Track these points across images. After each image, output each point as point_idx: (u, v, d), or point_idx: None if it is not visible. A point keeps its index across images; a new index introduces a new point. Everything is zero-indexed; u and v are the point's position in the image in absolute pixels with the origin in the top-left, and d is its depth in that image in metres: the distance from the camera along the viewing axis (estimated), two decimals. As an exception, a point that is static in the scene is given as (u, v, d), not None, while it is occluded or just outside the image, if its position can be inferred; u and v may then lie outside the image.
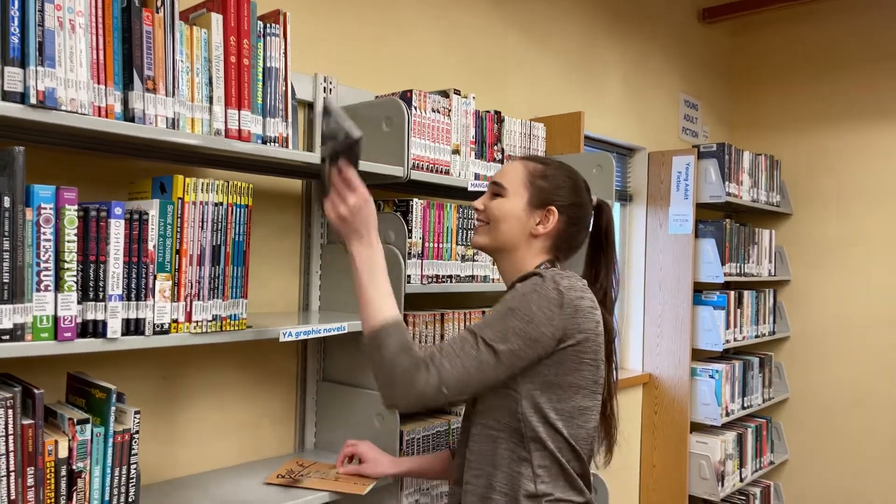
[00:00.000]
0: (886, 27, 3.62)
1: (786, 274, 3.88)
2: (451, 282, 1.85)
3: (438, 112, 1.82)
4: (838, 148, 3.76)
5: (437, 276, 1.81)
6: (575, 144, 2.56)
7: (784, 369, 3.89)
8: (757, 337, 3.58)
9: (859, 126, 3.69)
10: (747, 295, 3.49)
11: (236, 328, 1.39)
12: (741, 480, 3.41)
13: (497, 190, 1.41)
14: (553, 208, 1.39)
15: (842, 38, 3.75)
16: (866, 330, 3.65)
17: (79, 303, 1.17)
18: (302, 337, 1.50)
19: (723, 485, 3.21)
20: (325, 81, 1.88)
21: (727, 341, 3.27)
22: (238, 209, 1.38)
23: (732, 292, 3.35)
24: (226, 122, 1.40)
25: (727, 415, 3.27)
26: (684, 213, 3.21)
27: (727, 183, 3.24)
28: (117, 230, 1.21)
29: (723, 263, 3.21)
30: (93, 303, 1.19)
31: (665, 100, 3.55)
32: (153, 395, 1.62)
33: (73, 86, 1.14)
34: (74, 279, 1.15)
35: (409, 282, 1.73)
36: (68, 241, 1.15)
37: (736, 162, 3.35)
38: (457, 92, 1.88)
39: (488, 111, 2.00)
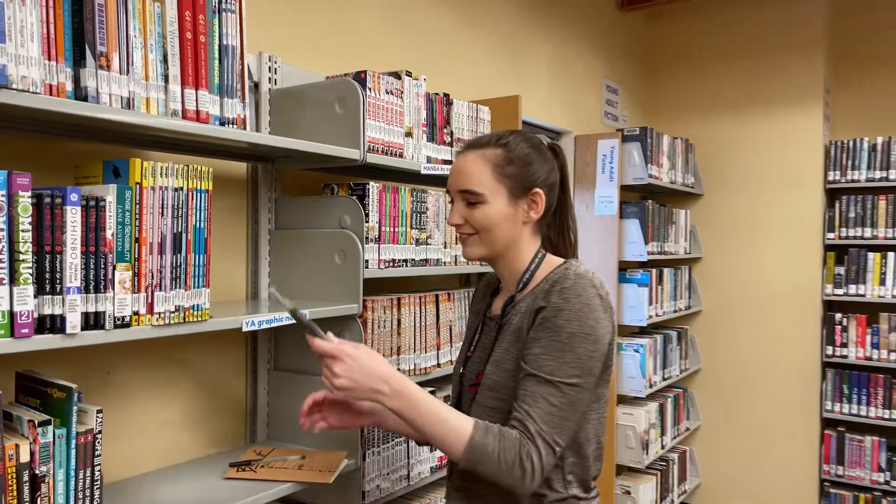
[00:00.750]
0: (793, 19, 3.86)
1: (698, 252, 4.11)
2: (406, 266, 1.84)
3: (391, 94, 1.80)
4: (745, 133, 4.00)
5: (394, 261, 1.80)
6: (513, 127, 2.59)
7: (696, 342, 4.13)
8: (675, 312, 3.77)
9: (764, 112, 3.94)
10: (667, 272, 3.67)
11: (199, 319, 1.33)
12: (662, 447, 3.60)
13: (472, 198, 1.29)
14: (537, 190, 1.30)
15: (751, 28, 3.97)
16: (767, 304, 3.93)
17: (34, 296, 1.09)
18: (265, 326, 1.45)
19: (647, 452, 3.38)
20: (269, 61, 1.81)
21: (650, 317, 3.43)
22: (198, 194, 1.32)
23: (654, 270, 3.51)
24: (182, 103, 1.33)
25: (650, 386, 3.44)
26: (610, 194, 3.33)
27: (649, 165, 3.39)
28: (74, 218, 1.13)
29: (646, 243, 3.36)
30: (50, 296, 1.10)
31: (588, 85, 3.65)
32: (99, 391, 1.52)
33: (24, 62, 1.05)
34: (30, 271, 1.07)
35: (366, 267, 1.71)
36: (23, 231, 1.06)
37: (656, 145, 3.50)
38: (408, 74, 1.86)
39: (437, 93, 1.99)
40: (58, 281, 1.11)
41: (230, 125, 1.41)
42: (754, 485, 3.95)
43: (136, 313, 1.22)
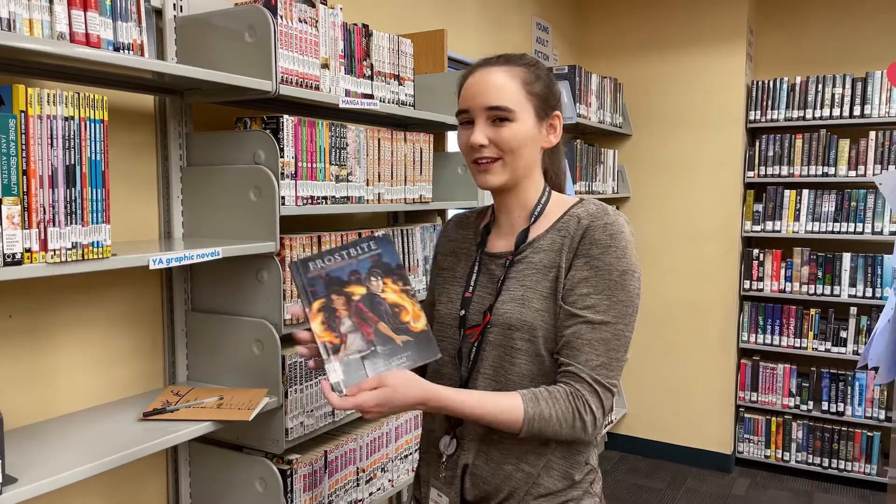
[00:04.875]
0: (715, -43, 3.88)
1: (626, 191, 4.18)
2: (326, 203, 1.80)
3: (305, 22, 1.72)
4: (671, 72, 4.04)
5: (312, 198, 1.76)
6: (439, 64, 2.55)
7: (624, 279, 4.25)
8: (602, 250, 3.85)
9: (690, 52, 3.98)
10: (594, 211, 3.73)
11: (100, 256, 1.27)
12: (589, 381, 3.72)
13: (502, 114, 1.18)
14: (557, 113, 1.24)
15: (676, -34, 3.98)
16: (691, 241, 4.06)
17: None
18: (174, 264, 1.40)
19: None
20: (173, -14, 1.70)
21: (578, 255, 3.49)
22: (92, 124, 1.24)
23: (582, 209, 3.56)
24: (70, 25, 1.23)
25: (578, 322, 3.53)
26: (539, 134, 3.32)
27: (577, 105, 3.39)
28: (-51, 147, 1.05)
29: (574, 182, 3.40)
30: (-74, 232, 1.03)
31: (518, 22, 3.60)
32: (1, 335, 1.45)
33: None
34: None
35: (283, 203, 1.66)
36: None
37: (585, 84, 3.51)
38: (323, 2, 1.78)
39: (356, 24, 1.92)
40: (-66, 215, 1.04)
41: (125, 51, 1.33)
42: (675, 413, 4.16)
43: (27, 250, 1.16)
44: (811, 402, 3.83)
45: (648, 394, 4.23)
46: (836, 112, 3.70)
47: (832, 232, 3.72)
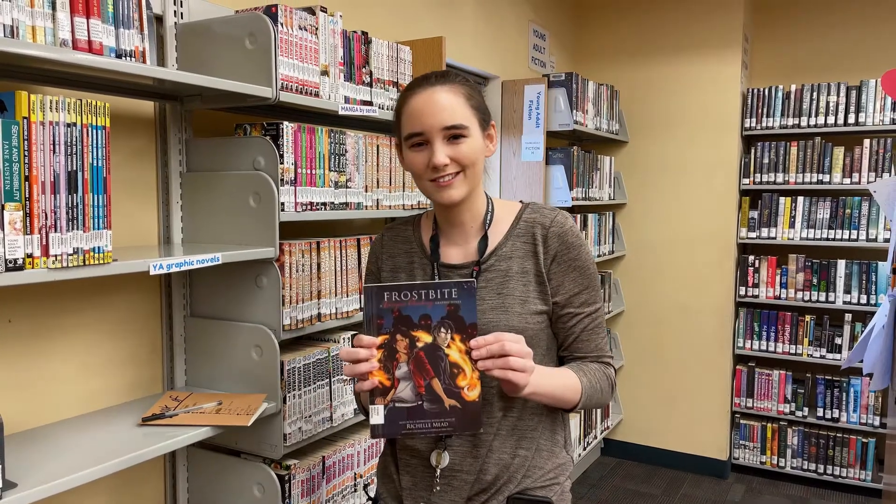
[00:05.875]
0: (710, -34, 3.91)
1: (622, 198, 4.20)
2: (325, 209, 1.81)
3: (305, 30, 1.74)
4: (667, 79, 4.07)
5: (312, 204, 1.77)
6: (437, 70, 2.56)
7: (620, 285, 4.27)
8: (599, 257, 3.87)
9: (686, 59, 4.01)
10: (591, 218, 3.75)
11: (101, 262, 1.28)
12: (586, 387, 3.73)
13: (459, 132, 1.21)
14: (493, 122, 1.30)
15: (672, -26, 4.01)
16: (687, 247, 4.08)
17: (-89, 238, 1.02)
18: (174, 269, 1.41)
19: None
20: (175, -7, 1.71)
21: (574, 261, 3.50)
22: (94, 131, 1.25)
23: (578, 216, 3.58)
24: (73, 32, 1.24)
25: (574, 328, 3.54)
26: (536, 141, 3.34)
27: (574, 111, 3.41)
28: (-48, 153, 1.05)
29: (570, 189, 3.41)
30: (-71, 237, 1.04)
31: (515, 29, 3.62)
32: (1, 340, 1.46)
33: None
34: None
35: (283, 209, 1.67)
36: None
37: (582, 91, 3.53)
38: (323, 9, 1.80)
39: (355, 31, 1.94)
40: (-63, 221, 1.04)
41: (127, 58, 1.34)
42: (671, 419, 4.17)
43: (29, 256, 1.16)
44: (806, 409, 3.85)
45: (644, 400, 4.24)
46: (831, 120, 3.73)
47: (827, 239, 3.74)
